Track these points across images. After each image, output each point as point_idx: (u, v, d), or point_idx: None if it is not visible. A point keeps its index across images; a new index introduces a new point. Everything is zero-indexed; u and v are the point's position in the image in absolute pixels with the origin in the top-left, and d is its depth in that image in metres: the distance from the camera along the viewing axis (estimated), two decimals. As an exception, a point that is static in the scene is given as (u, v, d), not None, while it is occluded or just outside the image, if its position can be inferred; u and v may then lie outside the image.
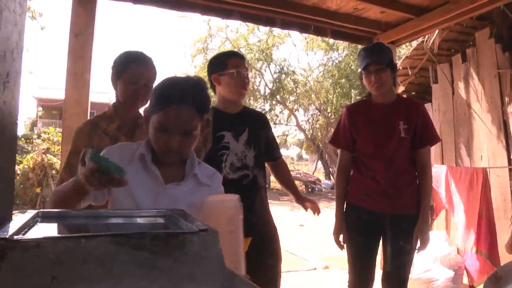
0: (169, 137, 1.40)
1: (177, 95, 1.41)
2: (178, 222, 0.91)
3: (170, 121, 1.39)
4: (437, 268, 4.03)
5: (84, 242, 0.66)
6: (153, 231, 0.75)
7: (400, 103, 2.55)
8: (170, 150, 1.41)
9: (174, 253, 0.72)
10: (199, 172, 1.53)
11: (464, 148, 5.27)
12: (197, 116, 1.43)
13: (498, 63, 4.83)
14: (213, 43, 19.52)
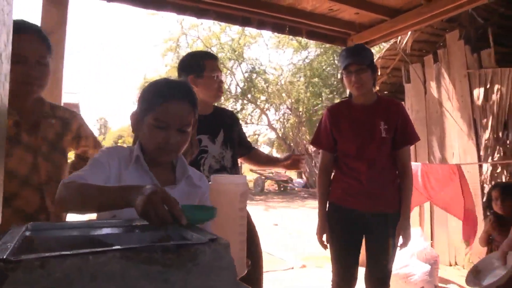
0: (167, 133, 1.38)
1: (174, 91, 1.41)
2: (181, 232, 0.88)
3: (168, 116, 1.38)
4: (414, 263, 4.11)
5: (92, 258, 0.62)
6: (164, 244, 0.71)
7: (381, 104, 2.57)
8: (168, 148, 1.40)
9: (187, 265, 0.69)
10: (192, 173, 1.52)
11: (437, 145, 5.42)
12: (192, 111, 1.44)
13: (468, 63, 5.01)
14: (184, 41, 19.34)
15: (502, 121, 4.60)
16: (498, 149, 4.62)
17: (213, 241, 0.75)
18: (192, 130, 1.50)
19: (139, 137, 1.48)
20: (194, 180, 1.51)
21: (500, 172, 4.62)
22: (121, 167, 1.39)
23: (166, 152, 1.42)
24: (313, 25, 4.34)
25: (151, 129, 1.40)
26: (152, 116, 1.39)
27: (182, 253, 0.69)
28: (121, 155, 1.44)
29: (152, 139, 1.40)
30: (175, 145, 1.41)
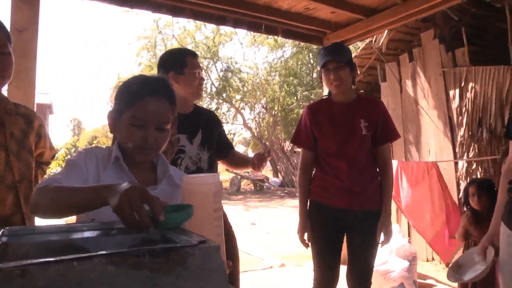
0: (145, 132, 1.34)
1: (152, 87, 1.37)
2: (165, 234, 0.84)
3: (146, 114, 1.34)
4: (393, 260, 4.16)
5: (77, 265, 0.58)
6: (152, 247, 0.67)
7: (360, 101, 2.57)
8: (147, 147, 1.35)
9: (176, 269, 0.66)
10: (173, 173, 1.48)
11: (413, 143, 5.50)
12: (170, 109, 1.40)
13: (443, 62, 5.10)
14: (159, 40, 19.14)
15: (477, 119, 4.69)
16: (473, 146, 4.71)
17: (203, 243, 0.72)
18: (172, 129, 1.46)
19: (117, 137, 1.43)
20: (175, 179, 1.47)
21: (475, 168, 4.71)
22: (100, 169, 1.34)
23: (145, 152, 1.37)
24: (289, 24, 4.33)
25: (129, 128, 1.35)
26: (130, 114, 1.34)
27: (171, 256, 0.66)
28: (99, 156, 1.39)
29: (130, 138, 1.35)
30: (154, 143, 1.36)
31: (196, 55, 2.44)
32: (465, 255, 2.22)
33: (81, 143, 28.50)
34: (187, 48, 2.85)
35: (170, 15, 3.94)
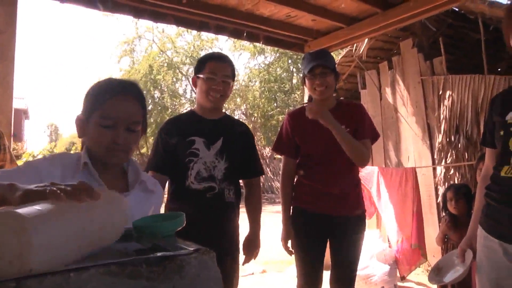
0: (114, 132, 1.31)
1: (121, 86, 1.35)
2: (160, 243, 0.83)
3: (116, 113, 1.31)
4: (373, 264, 4.23)
5: (73, 276, 0.57)
6: (149, 256, 0.66)
7: (341, 108, 2.58)
8: (117, 148, 1.32)
9: (173, 277, 0.65)
10: (145, 178, 1.45)
11: (393, 149, 5.59)
12: (140, 110, 1.38)
13: (421, 70, 5.21)
14: (140, 45, 19.01)
15: (454, 126, 4.80)
16: (450, 152, 4.82)
17: (198, 251, 0.71)
18: (142, 133, 1.43)
19: (86, 141, 1.38)
20: (148, 185, 1.44)
21: (452, 174, 4.81)
22: (66, 176, 1.27)
23: (114, 153, 1.33)
24: (271, 31, 4.36)
25: (97, 129, 1.31)
26: (98, 114, 1.31)
27: (168, 265, 0.66)
28: (66, 162, 1.33)
29: (99, 140, 1.32)
30: (124, 145, 1.33)
31: (222, 60, 2.33)
32: (444, 258, 2.27)
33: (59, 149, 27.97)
34: (217, 52, 2.74)
35: (152, 21, 3.92)
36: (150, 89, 18.29)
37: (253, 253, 2.47)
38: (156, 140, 2.37)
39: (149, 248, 0.82)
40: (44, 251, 0.59)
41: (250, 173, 2.49)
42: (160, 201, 1.51)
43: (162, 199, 1.55)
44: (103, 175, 1.33)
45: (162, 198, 1.54)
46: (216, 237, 2.21)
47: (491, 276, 1.72)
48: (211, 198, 2.23)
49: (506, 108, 1.73)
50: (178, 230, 0.97)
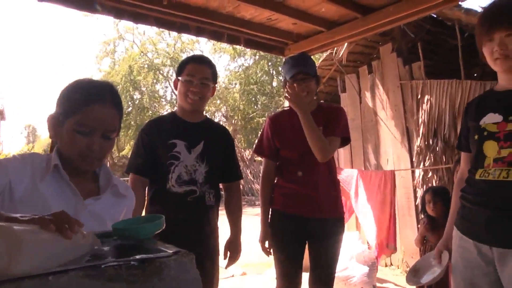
0: (90, 139, 1.27)
1: (100, 92, 1.32)
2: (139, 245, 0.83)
3: (93, 121, 1.27)
4: (353, 266, 4.28)
5: (52, 279, 0.56)
6: (128, 259, 0.66)
7: (322, 111, 2.60)
8: (92, 155, 1.29)
9: (152, 280, 0.65)
10: (117, 182, 1.42)
11: (372, 152, 5.66)
12: (118, 116, 1.35)
13: (400, 75, 5.30)
14: (120, 46, 18.85)
15: (432, 129, 4.89)
16: (428, 155, 4.91)
17: (178, 254, 0.71)
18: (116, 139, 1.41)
19: (57, 143, 1.34)
20: (119, 189, 1.42)
21: (431, 176, 4.90)
22: (36, 179, 1.24)
23: (88, 160, 1.31)
24: (252, 34, 4.35)
25: (72, 134, 1.28)
26: (75, 119, 1.27)
27: (147, 268, 0.65)
28: (36, 164, 1.28)
29: (74, 146, 1.28)
30: (99, 152, 1.30)
31: (201, 62, 2.32)
32: (422, 259, 2.31)
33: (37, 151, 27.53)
34: (198, 55, 2.72)
35: (133, 22, 3.89)
36: (130, 90, 18.14)
37: (235, 256, 2.49)
38: (137, 142, 2.35)
39: (129, 251, 0.82)
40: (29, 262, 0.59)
41: (229, 177, 2.50)
42: (132, 205, 1.49)
43: (133, 203, 1.52)
44: (74, 178, 1.30)
45: (133, 202, 1.51)
46: (196, 240, 2.22)
47: (465, 275, 1.76)
48: (192, 202, 2.23)
49: (480, 113, 1.77)
50: (158, 232, 0.97)
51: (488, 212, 1.67)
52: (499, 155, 1.65)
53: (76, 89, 1.33)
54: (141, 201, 2.28)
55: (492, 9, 1.72)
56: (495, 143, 1.67)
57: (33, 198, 1.20)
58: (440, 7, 3.60)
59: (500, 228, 1.63)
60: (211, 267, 2.34)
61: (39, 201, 1.20)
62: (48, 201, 1.19)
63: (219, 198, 2.38)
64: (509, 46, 1.62)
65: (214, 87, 2.38)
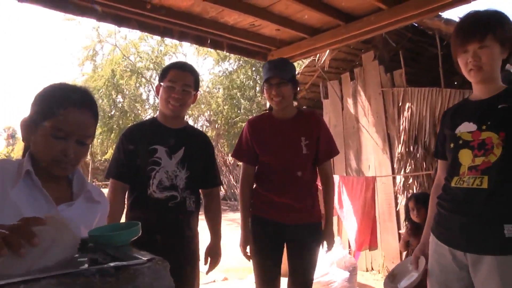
0: (65, 144, 1.25)
1: (76, 98, 1.30)
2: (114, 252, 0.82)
3: (69, 125, 1.25)
4: (334, 271, 4.30)
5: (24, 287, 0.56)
6: (102, 266, 0.65)
7: (301, 117, 2.62)
8: (66, 160, 1.27)
9: (126, 287, 0.64)
10: (90, 188, 1.41)
11: (354, 158, 5.71)
12: (94, 122, 1.34)
13: (382, 82, 5.36)
14: (102, 49, 18.65)
15: (413, 136, 4.96)
16: (409, 162, 4.97)
17: (152, 261, 0.71)
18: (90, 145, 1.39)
19: (30, 147, 1.31)
20: (93, 195, 1.40)
21: (411, 183, 4.96)
22: (6, 185, 1.20)
23: (62, 166, 1.28)
24: (235, 39, 4.36)
25: (47, 138, 1.25)
26: (50, 123, 1.24)
27: (121, 275, 0.65)
28: (6, 170, 1.24)
29: (48, 150, 1.26)
30: (73, 158, 1.28)
31: (183, 68, 2.33)
32: (399, 265, 2.34)
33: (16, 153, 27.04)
34: (180, 62, 2.73)
35: (116, 25, 3.87)
36: (112, 93, 17.98)
37: (216, 261, 2.49)
38: (117, 147, 2.34)
39: (103, 258, 0.81)
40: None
41: (209, 183, 2.51)
42: (106, 211, 1.48)
43: (108, 209, 1.50)
44: (47, 184, 1.27)
45: (108, 208, 1.49)
46: (177, 246, 2.23)
47: (440, 279, 1.82)
48: (172, 207, 2.23)
49: (455, 122, 1.82)
50: (135, 239, 0.96)
51: (462, 219, 1.72)
52: (474, 164, 1.70)
53: (52, 92, 1.32)
54: (121, 207, 2.28)
55: (466, 22, 1.77)
56: (469, 151, 1.71)
57: (4, 206, 1.16)
58: (419, 17, 3.67)
59: (473, 234, 1.68)
60: (192, 273, 2.35)
61: (11, 208, 1.17)
62: (20, 209, 1.16)
63: (199, 204, 2.40)
64: (482, 58, 1.67)
65: (195, 94, 2.39)
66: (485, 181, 1.65)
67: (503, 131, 1.64)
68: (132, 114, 18.78)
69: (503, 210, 1.63)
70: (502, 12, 1.74)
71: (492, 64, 1.69)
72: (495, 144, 1.64)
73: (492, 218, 1.63)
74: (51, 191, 1.27)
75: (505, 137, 1.63)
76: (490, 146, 1.65)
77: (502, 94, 1.72)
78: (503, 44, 1.69)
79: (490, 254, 1.61)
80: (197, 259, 2.39)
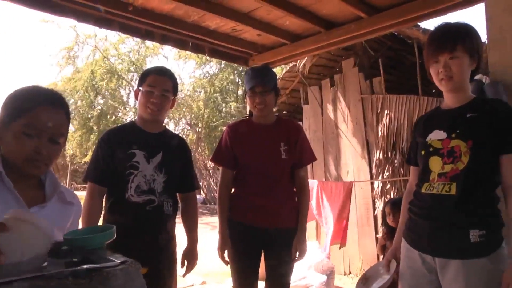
0: (37, 142, 1.25)
1: (48, 96, 1.32)
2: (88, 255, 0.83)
3: (42, 123, 1.26)
4: (311, 275, 4.35)
5: (-4, 289, 0.57)
6: (75, 269, 0.67)
7: (280, 124, 2.66)
8: (38, 159, 1.26)
9: (99, 290, 0.66)
10: (63, 190, 1.41)
11: (333, 164, 5.78)
12: (66, 122, 1.35)
13: (361, 89, 5.46)
14: (82, 52, 18.45)
15: (391, 143, 5.06)
16: (387, 167, 5.07)
17: (125, 263, 0.73)
18: (64, 145, 1.39)
19: (1, 149, 1.30)
20: (66, 196, 1.40)
21: (389, 188, 5.05)
22: None
23: (35, 164, 1.27)
24: (216, 43, 4.39)
25: (19, 137, 1.25)
26: (22, 122, 1.25)
27: (94, 277, 0.67)
28: None
29: (20, 149, 1.25)
30: (46, 156, 1.28)
31: (162, 73, 2.35)
32: (372, 268, 2.38)
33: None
34: (160, 66, 2.73)
35: (97, 27, 3.85)
36: (91, 95, 17.80)
37: (192, 264, 2.50)
38: (96, 151, 2.34)
39: (77, 261, 0.82)
40: None
41: (187, 188, 2.52)
42: (79, 213, 1.48)
43: (80, 211, 1.50)
44: (18, 186, 1.26)
45: (80, 210, 1.49)
46: (154, 249, 2.23)
47: (411, 283, 1.87)
48: (150, 211, 2.24)
49: (427, 129, 1.88)
50: (112, 242, 0.98)
51: (431, 224, 1.78)
52: (443, 170, 1.75)
53: (23, 92, 1.32)
54: (99, 210, 2.28)
55: (437, 33, 1.83)
56: (439, 158, 1.77)
57: None
58: (398, 26, 3.76)
59: (441, 239, 1.74)
60: (169, 276, 2.36)
61: None
62: None
63: (177, 208, 2.42)
64: (452, 68, 1.73)
65: (174, 99, 2.41)
66: (453, 187, 1.70)
67: (470, 140, 1.70)
68: (113, 116, 18.62)
69: (469, 216, 1.69)
70: (471, 25, 1.81)
71: (462, 74, 1.75)
72: (463, 152, 1.70)
73: (459, 223, 1.70)
74: (23, 193, 1.26)
75: (472, 145, 1.69)
76: (458, 154, 1.71)
77: (471, 103, 1.79)
78: (472, 55, 1.75)
79: (456, 258, 1.68)
80: (174, 262, 2.41)
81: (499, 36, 2.44)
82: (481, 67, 1.89)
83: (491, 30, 2.50)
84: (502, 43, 2.43)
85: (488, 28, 2.51)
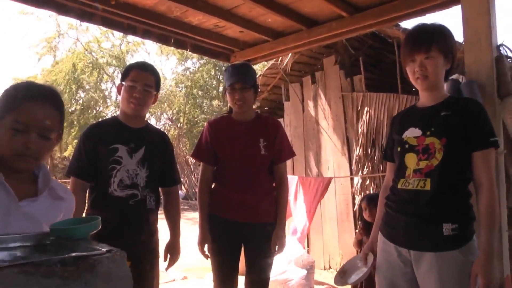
0: (26, 137, 1.27)
1: (38, 92, 1.33)
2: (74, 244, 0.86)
3: (30, 117, 1.28)
4: (291, 269, 4.41)
5: (-14, 276, 0.59)
6: (62, 256, 0.70)
7: (260, 121, 2.71)
8: (28, 154, 1.28)
9: (85, 276, 0.69)
10: (55, 185, 1.43)
11: (313, 160, 5.85)
12: (57, 117, 1.36)
13: (342, 86, 5.54)
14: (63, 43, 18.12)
15: (371, 139, 5.16)
16: (367, 163, 5.17)
17: (110, 252, 0.76)
18: (57, 141, 1.41)
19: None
20: (58, 191, 1.42)
21: (368, 184, 5.16)
22: None
23: (24, 159, 1.30)
24: (198, 39, 4.38)
25: (8, 132, 1.28)
26: (11, 117, 1.27)
27: (81, 264, 0.69)
28: None
29: (9, 144, 1.28)
30: (36, 151, 1.30)
31: (144, 68, 2.36)
32: (349, 262, 2.45)
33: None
34: (142, 62, 2.75)
35: (79, 20, 3.83)
36: (73, 88, 17.52)
37: (175, 258, 2.54)
38: (78, 146, 2.35)
39: (64, 249, 0.85)
40: None
41: (168, 182, 2.56)
42: (71, 208, 1.49)
43: (73, 206, 1.52)
44: (11, 180, 1.28)
45: (73, 205, 1.51)
46: (137, 244, 2.26)
47: (387, 275, 1.94)
48: (133, 205, 2.27)
49: (403, 127, 1.95)
50: (95, 235, 1.00)
51: (407, 219, 1.85)
52: (418, 167, 1.82)
53: (13, 88, 1.34)
54: (82, 205, 2.28)
55: (414, 34, 1.90)
56: (414, 155, 1.84)
57: None
58: (378, 26, 3.83)
59: (416, 233, 1.81)
60: (151, 270, 2.39)
61: None
62: None
63: (159, 202, 2.44)
64: (428, 68, 1.80)
65: (156, 95, 2.43)
66: (428, 183, 1.77)
67: (444, 137, 1.77)
68: (94, 110, 18.40)
69: (443, 210, 1.76)
70: (445, 27, 1.88)
71: (436, 73, 1.81)
72: (437, 149, 1.77)
73: (433, 217, 1.77)
74: (14, 186, 1.28)
75: (446, 142, 1.76)
76: (433, 150, 1.78)
77: (445, 102, 1.85)
78: (446, 55, 1.82)
79: (430, 251, 1.75)
80: (156, 256, 2.44)
81: (475, 38, 2.51)
82: (456, 67, 1.96)
83: (467, 32, 2.56)
84: (477, 45, 2.50)
85: (464, 30, 2.58)
